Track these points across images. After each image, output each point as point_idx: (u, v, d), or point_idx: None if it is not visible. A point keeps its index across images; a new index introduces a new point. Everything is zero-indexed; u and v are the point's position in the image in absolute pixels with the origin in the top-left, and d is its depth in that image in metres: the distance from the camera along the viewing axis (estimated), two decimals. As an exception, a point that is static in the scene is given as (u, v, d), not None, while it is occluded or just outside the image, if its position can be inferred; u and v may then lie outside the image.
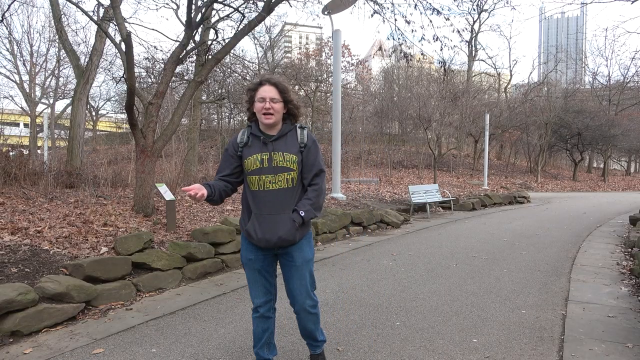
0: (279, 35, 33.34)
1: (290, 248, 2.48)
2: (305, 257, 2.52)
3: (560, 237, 8.24)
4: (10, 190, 7.23)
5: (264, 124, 2.40)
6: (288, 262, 2.51)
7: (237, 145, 2.45)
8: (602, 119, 27.90)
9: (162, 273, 4.79)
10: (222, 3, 8.22)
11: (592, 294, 4.58)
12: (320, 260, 6.11)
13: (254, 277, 2.53)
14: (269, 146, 2.40)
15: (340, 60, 9.68)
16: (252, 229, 2.42)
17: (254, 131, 2.45)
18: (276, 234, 2.39)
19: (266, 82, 2.39)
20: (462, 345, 3.26)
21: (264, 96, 2.35)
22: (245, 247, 2.52)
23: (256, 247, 2.48)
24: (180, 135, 14.12)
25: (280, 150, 2.40)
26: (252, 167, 2.40)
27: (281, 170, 2.39)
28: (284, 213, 2.40)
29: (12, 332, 3.37)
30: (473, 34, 33.19)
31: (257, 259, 2.50)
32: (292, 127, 2.49)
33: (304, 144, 2.45)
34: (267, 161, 2.39)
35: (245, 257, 2.52)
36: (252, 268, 2.51)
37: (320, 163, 2.50)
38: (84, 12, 7.17)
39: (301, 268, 2.51)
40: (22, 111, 28.84)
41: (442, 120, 19.23)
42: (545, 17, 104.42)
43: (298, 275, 2.51)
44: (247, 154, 2.42)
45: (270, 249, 2.47)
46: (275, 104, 2.37)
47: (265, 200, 2.40)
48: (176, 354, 3.14)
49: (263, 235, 2.39)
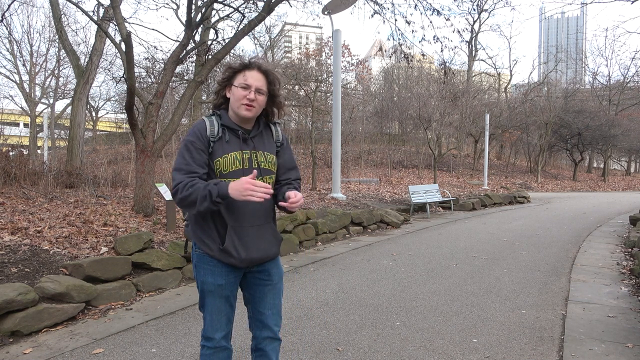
0: (279, 35, 33.36)
1: (269, 264, 2.08)
2: (281, 272, 2.14)
3: (560, 237, 8.24)
4: (10, 190, 7.23)
5: (239, 116, 1.94)
6: (262, 281, 2.07)
7: (208, 138, 1.90)
8: (602, 119, 27.89)
9: (162, 273, 4.79)
10: (222, 3, 8.23)
11: (592, 294, 4.58)
12: (320, 260, 6.11)
13: (219, 306, 2.02)
14: (249, 143, 1.97)
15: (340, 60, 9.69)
16: (231, 246, 1.91)
17: (226, 122, 1.95)
18: (262, 247, 1.99)
19: (255, 67, 1.93)
20: (462, 345, 3.26)
21: (249, 83, 1.90)
22: (213, 270, 1.97)
23: (229, 269, 1.98)
24: (180, 135, 14.12)
25: (261, 149, 2.00)
26: (230, 168, 1.91)
27: (265, 172, 1.99)
28: (267, 223, 2.02)
29: (12, 332, 3.37)
30: (473, 34, 33.20)
31: (228, 283, 2.00)
32: (266, 124, 2.08)
33: (280, 142, 2.08)
34: (248, 161, 1.94)
35: (212, 284, 1.98)
36: (220, 295, 2.00)
37: (294, 160, 2.17)
38: (84, 12, 7.17)
39: (277, 285, 2.12)
40: (22, 111, 28.83)
41: (442, 120, 19.24)
42: (545, 17, 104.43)
43: (273, 295, 2.10)
44: (220, 152, 1.91)
45: (244, 268, 2.03)
46: (260, 96, 1.93)
47: (246, 209, 1.91)
48: (176, 354, 3.14)
49: (248, 253, 1.94)
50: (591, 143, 29.24)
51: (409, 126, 28.20)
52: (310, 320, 3.79)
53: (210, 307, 2.02)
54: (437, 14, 8.34)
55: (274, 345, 2.15)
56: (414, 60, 9.87)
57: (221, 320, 2.03)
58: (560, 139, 29.49)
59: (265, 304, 2.10)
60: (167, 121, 9.51)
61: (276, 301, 2.13)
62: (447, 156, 26.05)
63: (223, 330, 2.04)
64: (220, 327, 2.03)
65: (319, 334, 3.49)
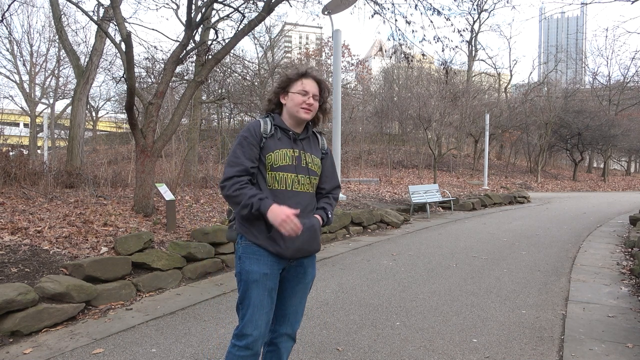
0: (279, 35, 33.31)
1: (306, 260, 2.16)
2: (314, 273, 2.23)
3: (560, 237, 8.24)
4: (10, 190, 7.23)
5: (297, 118, 2.11)
6: (297, 278, 2.15)
7: (261, 134, 2.06)
8: (602, 119, 27.88)
9: (162, 273, 4.78)
10: (222, 3, 8.23)
11: (592, 294, 4.58)
12: (320, 260, 6.11)
13: (262, 299, 2.01)
14: (299, 144, 2.12)
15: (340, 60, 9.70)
16: (277, 234, 1.97)
17: (279, 123, 2.12)
18: (305, 241, 2.05)
19: (310, 76, 2.12)
20: (462, 345, 3.26)
21: (307, 90, 2.08)
22: (259, 259, 2.02)
23: (273, 260, 2.04)
24: (180, 135, 14.11)
25: (309, 151, 2.15)
26: (280, 163, 2.05)
27: (312, 173, 2.13)
28: (310, 218, 2.10)
29: (12, 332, 3.37)
30: (473, 34, 33.18)
31: (273, 274, 2.04)
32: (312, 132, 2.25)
33: (325, 150, 2.26)
34: (297, 159, 2.09)
35: (257, 272, 2.00)
36: (264, 287, 2.01)
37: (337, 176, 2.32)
38: (84, 12, 7.17)
39: (308, 285, 2.20)
40: (22, 111, 28.83)
41: (442, 120, 19.24)
42: (545, 17, 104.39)
43: (302, 294, 2.19)
44: (272, 147, 2.05)
45: (290, 259, 2.10)
46: (315, 102, 2.12)
47: (293, 202, 2.03)
48: (176, 354, 3.14)
49: (293, 241, 2.00)
50: (591, 143, 29.24)
51: (409, 126, 28.19)
52: (310, 320, 3.79)
53: (253, 299, 2.01)
54: (438, 14, 8.34)
55: (288, 345, 2.21)
56: (414, 61, 9.86)
57: (262, 316, 2.01)
58: (560, 139, 29.48)
59: (293, 300, 2.17)
60: (167, 121, 9.52)
61: (303, 301, 2.21)
62: (447, 156, 26.05)
63: (262, 328, 2.01)
64: (258, 325, 2.00)
65: (319, 334, 3.49)
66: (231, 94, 17.50)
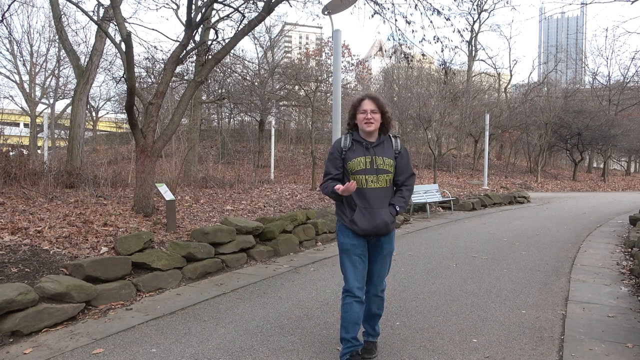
0: (279, 35, 33.33)
1: (383, 238, 2.91)
2: (391, 247, 2.99)
3: (560, 237, 8.24)
4: (10, 190, 7.23)
5: (365, 131, 2.86)
6: (377, 250, 2.93)
7: (342, 149, 2.88)
8: (602, 119, 27.85)
9: (162, 273, 4.78)
10: (222, 3, 8.23)
11: (592, 294, 4.58)
12: (320, 260, 6.11)
13: (354, 262, 2.86)
14: (371, 151, 2.85)
15: (340, 60, 9.70)
16: (358, 218, 2.81)
17: (356, 137, 2.89)
18: (377, 224, 2.80)
19: (367, 97, 2.89)
20: (462, 345, 3.26)
21: (365, 109, 2.83)
22: (347, 234, 2.88)
23: (357, 235, 2.86)
24: (180, 135, 14.12)
25: (380, 154, 2.86)
26: (357, 168, 2.83)
27: (382, 172, 2.84)
28: (384, 207, 2.84)
29: (12, 332, 3.37)
30: (473, 34, 33.18)
31: (360, 244, 2.88)
32: (387, 137, 2.94)
33: (398, 151, 2.93)
34: (370, 163, 2.83)
35: (348, 244, 2.87)
36: (354, 253, 2.86)
37: (411, 167, 2.98)
38: (84, 12, 7.17)
39: (386, 257, 2.96)
40: (22, 111, 28.82)
41: (442, 120, 19.22)
42: (545, 17, 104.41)
43: (382, 263, 2.96)
44: (351, 157, 2.85)
45: (367, 236, 2.86)
46: (375, 115, 2.83)
47: (368, 196, 2.82)
48: (176, 354, 3.14)
49: (368, 224, 2.79)
50: (591, 143, 29.22)
51: (409, 126, 28.16)
52: (310, 320, 3.79)
53: (346, 263, 2.88)
54: (438, 14, 8.32)
55: (376, 300, 3.01)
56: (414, 61, 9.85)
57: (357, 273, 2.85)
58: (560, 139, 29.46)
59: (375, 266, 2.96)
60: (167, 121, 9.51)
61: (383, 267, 2.98)
62: (447, 156, 26.04)
63: (359, 282, 2.85)
64: (355, 278, 2.84)
65: (319, 334, 3.49)
66: (231, 94, 17.50)
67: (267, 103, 20.91)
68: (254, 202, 9.11)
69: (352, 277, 2.84)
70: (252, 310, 4.04)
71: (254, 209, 8.45)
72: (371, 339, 3.12)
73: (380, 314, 3.07)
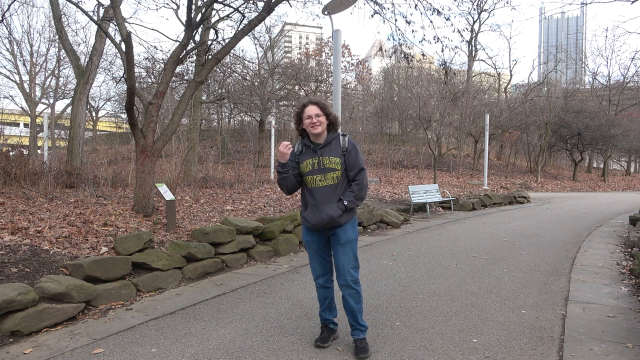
0: (279, 35, 33.34)
1: (337, 230, 3.08)
2: (348, 237, 3.09)
3: (560, 237, 8.24)
4: (10, 190, 7.23)
5: (313, 134, 3.07)
6: (335, 241, 3.12)
7: (295, 154, 3.14)
8: (602, 119, 27.85)
9: (162, 273, 4.78)
10: (222, 3, 8.23)
11: (592, 294, 4.58)
12: (320, 260, 6.11)
13: (313, 255, 3.21)
14: (318, 152, 3.08)
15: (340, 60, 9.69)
16: (308, 215, 3.08)
17: (306, 142, 3.14)
18: (322, 218, 3.01)
19: (309, 103, 3.09)
20: (462, 345, 3.26)
21: (310, 114, 3.03)
22: (304, 231, 3.21)
23: (312, 231, 3.14)
24: (180, 135, 14.11)
25: (327, 154, 3.07)
26: (306, 169, 3.10)
27: (329, 170, 3.05)
28: (331, 203, 3.04)
29: (12, 332, 3.37)
30: (473, 34, 33.17)
31: (314, 240, 3.16)
32: (336, 135, 3.13)
33: (345, 149, 3.09)
34: (317, 164, 3.06)
35: (304, 240, 3.22)
36: (310, 248, 3.19)
37: (360, 163, 3.10)
38: (84, 12, 7.17)
39: (345, 246, 3.08)
40: (22, 111, 28.82)
41: (442, 120, 19.22)
42: (545, 17, 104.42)
43: (342, 252, 3.09)
44: (302, 160, 3.12)
45: (322, 231, 3.10)
46: (320, 118, 3.04)
47: (316, 194, 3.07)
48: (176, 354, 3.14)
49: (316, 219, 3.04)
50: (591, 143, 29.22)
51: (409, 126, 28.21)
52: (310, 320, 3.79)
53: (310, 257, 3.24)
54: (438, 14, 8.32)
55: (347, 292, 3.09)
56: (414, 61, 9.86)
57: (316, 265, 3.22)
58: (560, 139, 29.47)
59: (338, 258, 3.11)
60: (167, 121, 9.51)
61: (346, 257, 3.08)
62: (447, 156, 26.05)
63: (318, 272, 3.22)
64: (315, 269, 3.23)
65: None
66: (231, 94, 17.50)
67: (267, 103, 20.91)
68: (254, 202, 9.11)
69: (313, 268, 3.24)
70: (252, 310, 4.04)
71: (254, 209, 8.45)
72: (360, 335, 3.13)
73: (357, 307, 3.11)
